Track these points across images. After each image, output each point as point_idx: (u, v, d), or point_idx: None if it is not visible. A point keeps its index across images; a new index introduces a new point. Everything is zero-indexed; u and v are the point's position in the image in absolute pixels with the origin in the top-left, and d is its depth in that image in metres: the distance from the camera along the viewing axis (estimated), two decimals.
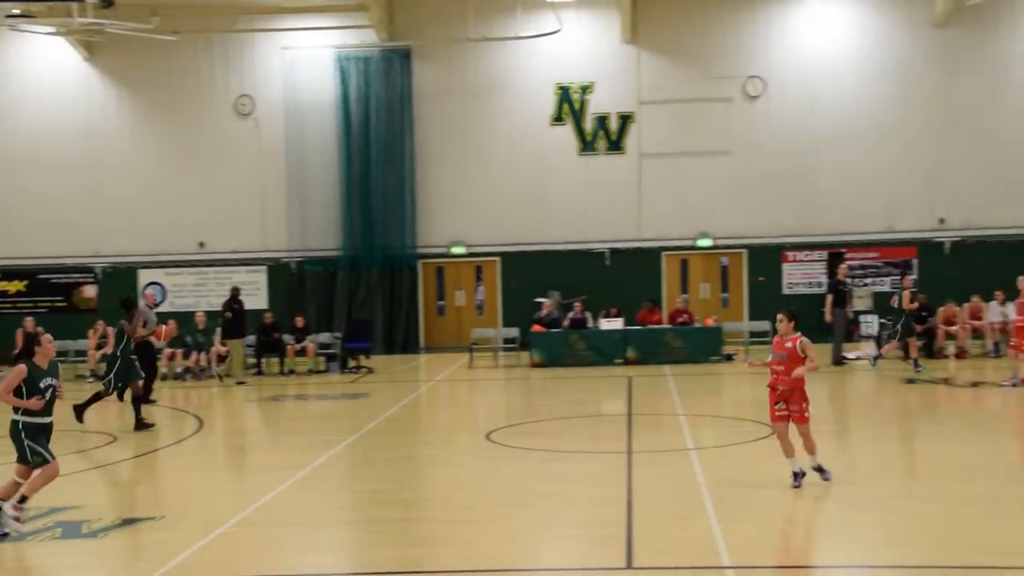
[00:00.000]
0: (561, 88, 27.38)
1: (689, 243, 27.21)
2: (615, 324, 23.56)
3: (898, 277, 25.45)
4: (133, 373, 16.11)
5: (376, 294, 27.67)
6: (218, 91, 28.07)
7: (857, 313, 25.17)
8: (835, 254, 26.32)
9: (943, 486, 10.93)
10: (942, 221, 26.26)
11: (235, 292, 22.89)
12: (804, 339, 10.88)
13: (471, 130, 27.72)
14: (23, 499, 9.80)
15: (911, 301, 20.56)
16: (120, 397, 16.64)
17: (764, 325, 24.33)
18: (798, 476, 10.84)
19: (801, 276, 26.82)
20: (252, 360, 23.71)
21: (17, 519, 9.65)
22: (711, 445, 13.99)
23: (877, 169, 26.36)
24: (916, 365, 20.34)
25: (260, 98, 27.94)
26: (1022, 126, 25.94)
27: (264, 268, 28.03)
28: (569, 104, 27.38)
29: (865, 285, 26.07)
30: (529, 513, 10.42)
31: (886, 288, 26.09)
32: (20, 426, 9.77)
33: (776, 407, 11.01)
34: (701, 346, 23.27)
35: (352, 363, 24.16)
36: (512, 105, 27.57)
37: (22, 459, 9.81)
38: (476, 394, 20.88)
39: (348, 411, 18.24)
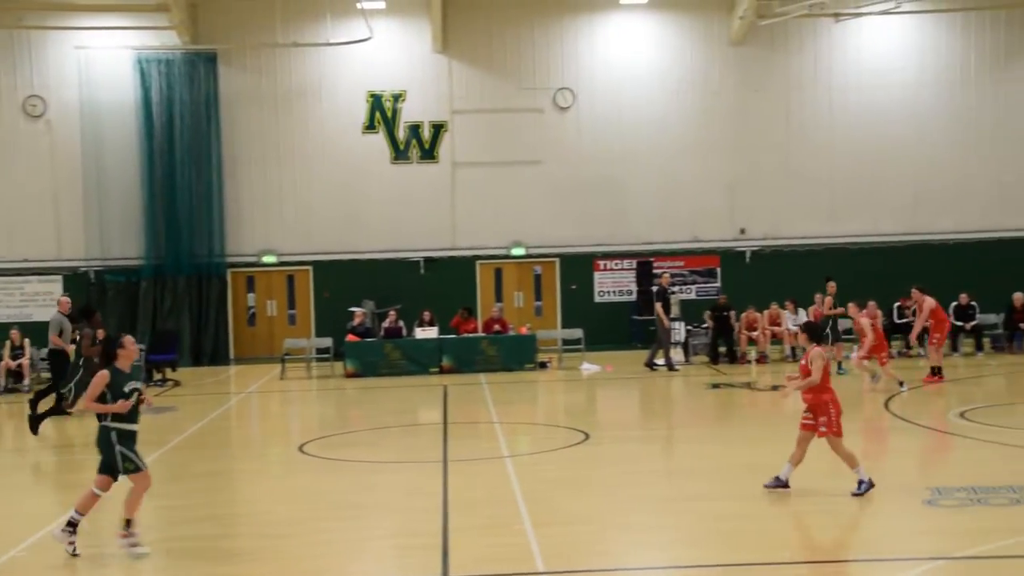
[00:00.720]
0: (373, 96, 27.14)
1: (503, 252, 27.42)
2: (430, 333, 23.48)
3: (707, 283, 26.46)
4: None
5: (183, 304, 26.69)
6: (4, 91, 26.53)
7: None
8: (644, 263, 27.04)
9: (748, 487, 11.29)
10: (743, 231, 27.35)
11: None
12: (814, 351, 10.80)
13: (282, 137, 27.14)
14: (128, 523, 9.26)
15: (833, 306, 21.34)
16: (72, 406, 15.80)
17: (577, 332, 24.73)
18: (779, 482, 10.77)
19: (612, 284, 27.42)
20: (47, 374, 22.42)
21: (135, 544, 9.18)
22: (526, 452, 14.07)
23: (682, 180, 27.25)
24: (839, 368, 21.02)
25: (53, 99, 26.55)
26: (813, 142, 27.31)
27: (60, 278, 26.61)
28: (381, 112, 27.17)
29: (673, 293, 26.84)
30: (345, 525, 10.20)
31: (692, 296, 26.98)
32: (112, 433, 9.26)
33: (804, 413, 10.90)
34: (516, 354, 23.44)
35: (157, 376, 23.21)
36: (324, 112, 27.15)
37: (107, 469, 9.26)
38: (289, 406, 20.40)
39: (152, 426, 17.42)
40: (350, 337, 23.54)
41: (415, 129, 27.20)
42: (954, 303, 23.52)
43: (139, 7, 26.18)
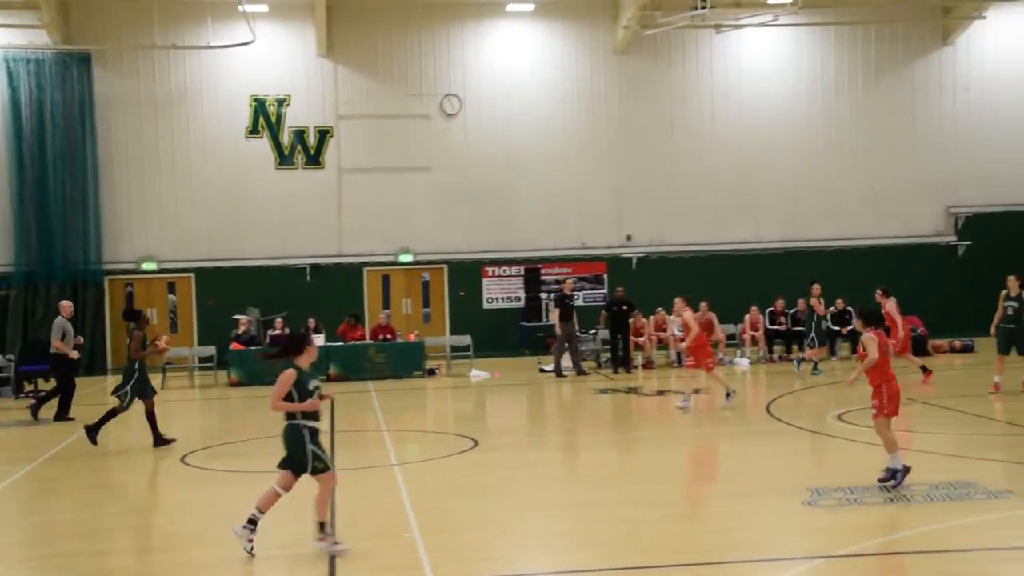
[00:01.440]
0: (256, 100, 26.72)
1: (391, 259, 27.25)
2: (316, 341, 23.10)
3: (594, 290, 26.75)
4: (149, 388, 15.26)
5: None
6: None
7: (554, 326, 25.99)
8: (532, 269, 27.17)
9: (636, 490, 11.40)
10: (629, 238, 27.71)
11: None
12: (864, 336, 11.05)
13: (162, 141, 26.49)
14: (322, 526, 9.19)
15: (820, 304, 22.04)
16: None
17: (465, 339, 24.70)
18: (890, 472, 10.80)
19: (500, 291, 27.49)
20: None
21: (336, 543, 9.18)
22: (415, 460, 13.97)
23: (569, 187, 27.48)
24: (814, 368, 21.48)
25: None
26: (696, 149, 27.86)
27: None
28: (265, 117, 26.76)
29: (570, 299, 26.98)
30: (229, 537, 9.95)
31: (580, 303, 27.19)
32: (305, 431, 9.14)
33: (872, 398, 11.15)
34: (404, 361, 23.31)
35: (29, 387, 22.35)
36: (205, 116, 26.60)
37: (295, 467, 9.15)
38: (170, 416, 19.84)
39: (24, 439, 16.82)
40: (234, 345, 23.09)
41: (300, 134, 26.86)
42: (832, 308, 24.22)
43: (6, 3, 25.28)
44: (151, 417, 15.29)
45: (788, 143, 27.91)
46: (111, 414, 15.20)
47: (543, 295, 27.10)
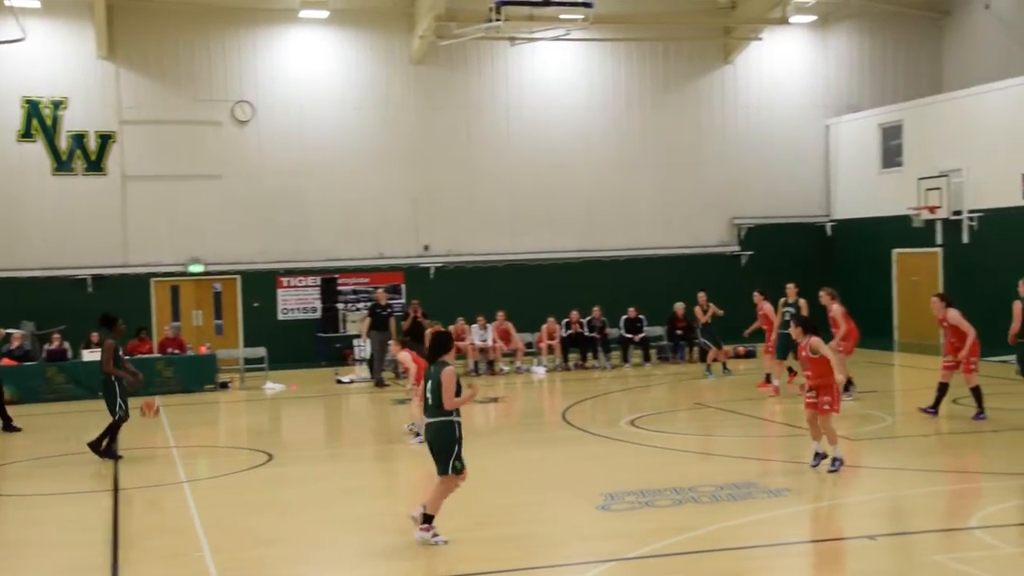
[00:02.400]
0: (29, 102, 25.23)
1: (180, 269, 26.26)
2: (99, 355, 22.00)
3: (392, 300, 26.51)
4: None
5: None
6: None
7: (352, 337, 25.74)
8: (328, 279, 26.75)
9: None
10: (427, 248, 27.68)
11: None
12: (812, 341, 12.01)
13: None
14: (429, 518, 9.43)
15: (704, 313, 22.57)
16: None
17: (260, 351, 24.05)
18: (817, 456, 12.03)
19: (296, 301, 26.92)
20: None
21: (437, 535, 9.42)
22: (206, 476, 13.48)
23: (366, 196, 27.22)
24: (708, 371, 21.89)
25: None
26: (492, 160, 28.10)
27: None
28: (39, 120, 25.31)
29: (358, 310, 26.74)
30: (2, 566, 9.30)
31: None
32: (458, 426, 9.52)
33: (808, 395, 12.16)
34: (195, 375, 22.49)
35: None
36: None
37: (444, 466, 9.47)
38: None
39: None
40: (6, 361, 21.71)
41: (79, 139, 25.54)
42: (624, 316, 24.88)
43: None
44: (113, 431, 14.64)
45: (582, 155, 28.53)
46: (113, 428, 14.58)
47: (340, 305, 26.72)
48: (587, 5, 24.45)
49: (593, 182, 28.53)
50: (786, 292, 18.89)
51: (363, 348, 24.87)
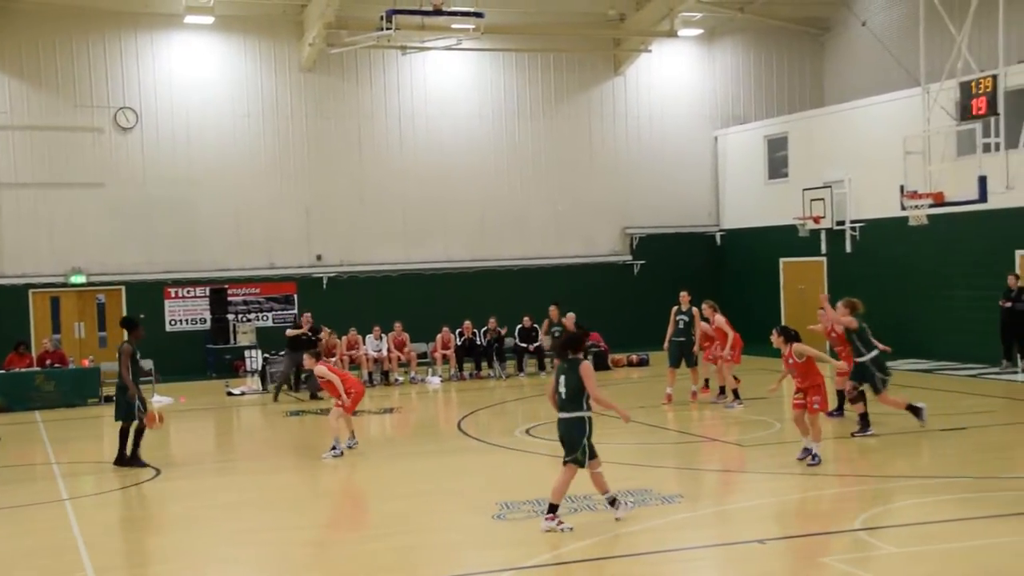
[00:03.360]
0: None
1: (61, 280, 25.42)
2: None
3: (284, 311, 26.27)
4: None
5: None
6: None
7: (243, 348, 25.26)
8: (218, 290, 26.19)
9: (322, 514, 11.15)
10: (319, 257, 27.33)
11: None
12: (796, 346, 12.87)
13: None
14: (553, 508, 9.85)
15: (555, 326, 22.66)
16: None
17: (147, 364, 23.35)
18: (806, 451, 12.82)
19: (184, 313, 26.29)
20: None
21: (562, 522, 9.80)
22: (90, 493, 13.03)
23: (256, 205, 26.76)
24: None
25: None
26: (386, 169, 27.91)
27: None
28: None
29: (248, 321, 26.25)
30: None
31: (269, 323, 26.55)
32: (590, 421, 9.95)
33: (795, 396, 13.03)
34: (77, 389, 21.79)
35: None
36: None
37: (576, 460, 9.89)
38: None
39: None
40: None
41: None
42: (519, 326, 24.92)
43: None
44: (138, 437, 14.41)
45: (475, 165, 28.55)
46: (140, 434, 14.36)
47: (230, 316, 26.20)
48: (478, 15, 24.48)
49: (487, 191, 28.57)
50: (679, 300, 19.15)
51: (254, 359, 24.45)
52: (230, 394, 22.41)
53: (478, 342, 24.79)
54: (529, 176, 29.08)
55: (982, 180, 18.24)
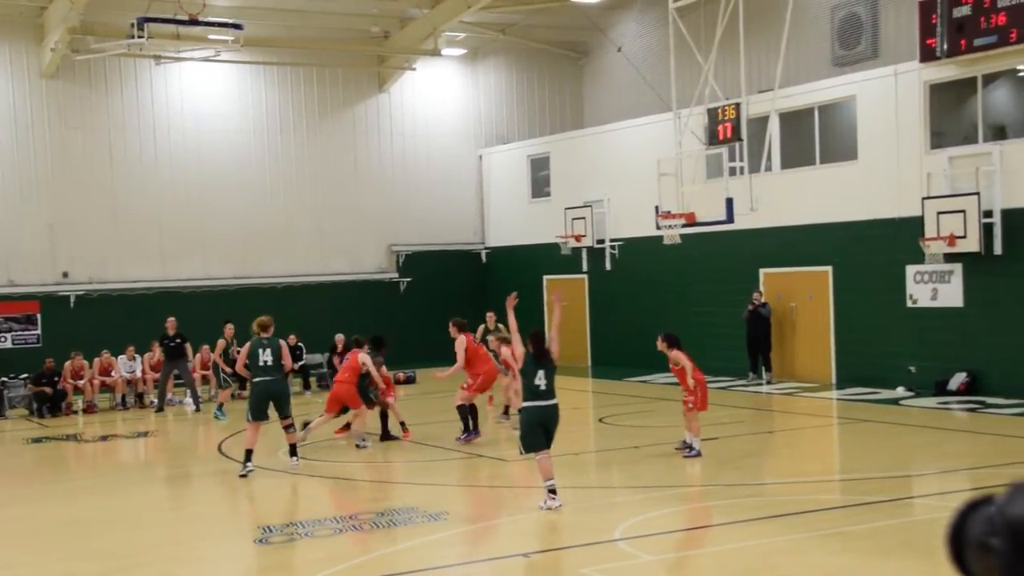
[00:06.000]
0: None
1: None
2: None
3: (25, 331, 24.62)
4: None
5: None
6: None
7: None
8: None
9: (75, 544, 10.47)
10: (65, 275, 25.80)
11: None
12: (674, 353, 13.88)
13: None
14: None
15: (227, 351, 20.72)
16: None
17: None
18: (684, 444, 14.01)
19: None
20: None
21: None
22: None
23: None
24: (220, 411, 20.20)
25: None
26: (140, 183, 26.68)
27: None
28: None
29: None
30: None
31: (8, 344, 24.83)
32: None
33: (685, 396, 14.01)
34: None
35: None
36: None
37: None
38: None
39: None
40: None
41: None
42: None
43: None
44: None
45: (237, 179, 27.72)
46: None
47: None
48: (237, 27, 23.73)
49: (250, 207, 27.82)
50: (486, 320, 19.22)
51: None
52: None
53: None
54: (293, 192, 28.53)
55: (729, 202, 19.22)
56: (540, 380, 11.37)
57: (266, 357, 13.87)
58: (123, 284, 26.38)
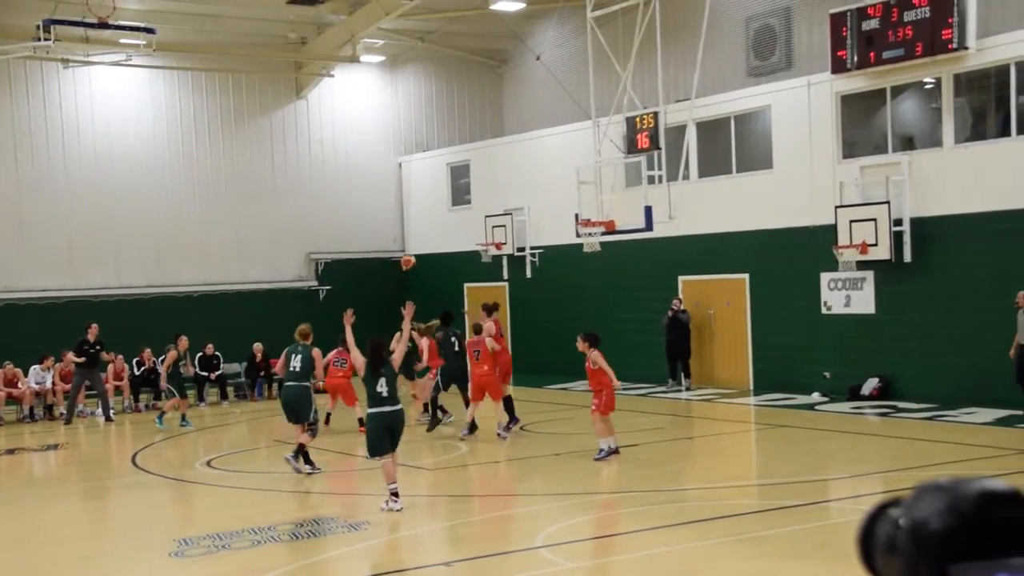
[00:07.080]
0: None
1: None
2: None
3: None
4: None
5: None
6: None
7: None
8: None
9: None
10: None
11: None
12: (592, 353, 14.14)
13: None
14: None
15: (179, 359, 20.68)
16: None
17: None
18: (605, 452, 14.15)
19: None
20: None
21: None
22: None
23: None
24: (160, 420, 19.86)
25: None
26: (48, 190, 25.96)
27: None
28: None
29: None
30: None
31: None
32: None
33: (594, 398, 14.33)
34: None
35: None
36: None
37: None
38: None
39: None
40: None
41: None
42: (200, 353, 23.92)
43: None
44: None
45: (150, 186, 27.17)
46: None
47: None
48: (149, 31, 23.20)
49: (164, 215, 27.30)
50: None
51: None
52: None
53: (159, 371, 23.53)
54: (209, 199, 28.08)
55: (648, 210, 19.41)
56: (382, 387, 11.59)
57: (295, 363, 14.44)
58: (32, 293, 25.69)
